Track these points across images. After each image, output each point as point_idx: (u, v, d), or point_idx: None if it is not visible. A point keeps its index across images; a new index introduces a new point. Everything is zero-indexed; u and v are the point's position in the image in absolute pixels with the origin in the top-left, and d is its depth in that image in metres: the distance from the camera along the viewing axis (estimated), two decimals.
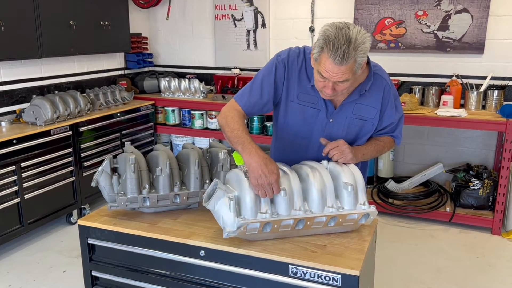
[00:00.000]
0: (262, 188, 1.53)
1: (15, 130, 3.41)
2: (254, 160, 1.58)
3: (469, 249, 3.44)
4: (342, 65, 1.58)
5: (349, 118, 1.87)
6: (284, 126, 1.95)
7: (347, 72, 1.61)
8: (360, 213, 1.60)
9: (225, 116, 1.81)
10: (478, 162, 4.13)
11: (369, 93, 1.85)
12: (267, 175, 1.54)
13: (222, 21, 4.86)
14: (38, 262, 3.28)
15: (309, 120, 1.89)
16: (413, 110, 3.81)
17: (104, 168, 1.79)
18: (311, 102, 1.86)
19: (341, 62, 1.57)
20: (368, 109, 1.87)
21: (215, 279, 1.64)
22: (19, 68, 3.80)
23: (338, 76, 1.62)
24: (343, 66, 1.58)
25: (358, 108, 1.86)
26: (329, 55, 1.58)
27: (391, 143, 2.01)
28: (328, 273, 1.45)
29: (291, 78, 1.85)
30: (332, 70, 1.61)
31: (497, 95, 3.81)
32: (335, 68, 1.60)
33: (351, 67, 1.60)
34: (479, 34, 3.90)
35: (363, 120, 1.88)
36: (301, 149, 1.95)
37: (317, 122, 1.88)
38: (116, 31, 4.45)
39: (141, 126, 4.59)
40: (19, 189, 3.34)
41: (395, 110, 1.93)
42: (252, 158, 1.59)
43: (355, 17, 4.26)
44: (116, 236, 1.75)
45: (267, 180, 1.53)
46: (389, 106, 1.90)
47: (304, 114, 1.88)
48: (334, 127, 1.89)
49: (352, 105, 1.86)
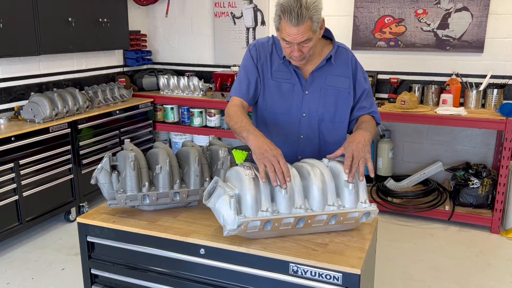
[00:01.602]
0: (269, 160, 1.57)
1: (14, 127, 3.40)
2: (260, 140, 1.66)
3: (468, 248, 3.44)
4: (299, 25, 1.73)
5: (324, 89, 1.99)
6: (264, 106, 2.05)
7: (306, 31, 1.75)
8: (361, 211, 1.59)
9: (228, 114, 1.93)
10: (477, 161, 4.13)
11: (337, 64, 1.99)
12: (272, 149, 1.61)
13: (222, 18, 4.85)
14: (36, 260, 3.27)
15: (286, 95, 2.01)
16: (413, 109, 3.80)
17: (103, 165, 1.77)
18: (285, 78, 2.00)
19: (297, 23, 1.72)
20: (340, 79, 2.00)
21: (215, 277, 1.63)
22: (17, 65, 3.78)
23: (299, 37, 1.76)
24: (300, 26, 1.73)
25: (330, 79, 1.99)
26: (286, 20, 1.74)
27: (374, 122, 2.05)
28: (329, 271, 1.45)
29: (264, 60, 2.01)
30: (292, 33, 1.76)
31: (496, 94, 3.81)
32: (294, 30, 1.75)
33: (309, 25, 1.75)
34: (479, 33, 3.90)
35: (337, 89, 2.00)
36: (283, 126, 2.05)
37: (294, 96, 2.00)
38: (115, 28, 4.44)
39: (140, 123, 4.58)
40: (17, 187, 3.33)
41: (364, 80, 2.05)
42: (258, 139, 1.68)
43: (355, 15, 4.26)
44: (115, 234, 1.74)
45: (272, 153, 1.59)
46: (358, 74, 2.03)
47: (280, 89, 2.01)
48: (311, 99, 2.00)
49: (324, 76, 1.99)
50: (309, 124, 2.03)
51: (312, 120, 2.02)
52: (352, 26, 4.30)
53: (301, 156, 2.05)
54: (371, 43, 4.27)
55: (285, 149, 1.80)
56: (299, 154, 2.07)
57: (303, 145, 2.06)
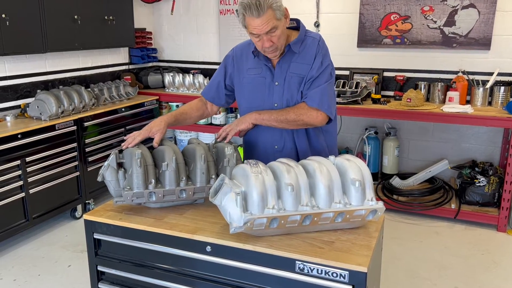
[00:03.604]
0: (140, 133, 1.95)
1: (20, 125, 3.41)
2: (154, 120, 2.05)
3: (474, 246, 3.43)
4: (261, 16, 1.81)
5: (288, 77, 2.03)
6: (241, 101, 2.17)
7: (270, 19, 1.83)
8: (367, 209, 1.59)
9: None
10: (483, 159, 4.11)
11: (304, 52, 2.02)
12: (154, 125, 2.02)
13: (227, 16, 4.84)
14: (43, 257, 3.29)
15: (259, 88, 2.08)
16: (419, 106, 3.79)
17: (110, 162, 1.78)
18: (257, 73, 2.08)
19: (258, 14, 1.81)
20: (303, 66, 2.02)
21: (221, 275, 1.63)
22: (24, 62, 3.79)
23: (264, 27, 1.84)
24: (263, 16, 1.81)
25: (294, 66, 2.02)
26: (248, 15, 1.83)
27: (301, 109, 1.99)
28: (336, 269, 1.44)
29: (239, 61, 2.14)
30: (256, 24, 1.84)
31: (503, 91, 3.78)
32: (258, 21, 1.83)
33: (271, 14, 1.82)
34: (486, 30, 3.87)
35: (300, 76, 2.02)
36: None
37: (266, 88, 2.07)
38: (121, 26, 4.44)
39: (145, 121, 4.57)
40: (24, 184, 3.35)
41: (319, 66, 2.00)
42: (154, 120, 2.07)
43: (361, 12, 4.24)
44: (122, 231, 1.75)
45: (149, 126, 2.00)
46: (316, 60, 2.01)
47: (253, 84, 2.09)
48: (279, 89, 2.05)
49: (287, 64, 2.03)
50: None
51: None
52: (358, 24, 4.28)
53: (277, 146, 2.12)
54: (377, 41, 4.25)
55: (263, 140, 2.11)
56: (275, 144, 2.12)
57: (278, 135, 2.11)
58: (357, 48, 4.33)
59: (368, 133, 4.26)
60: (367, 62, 4.32)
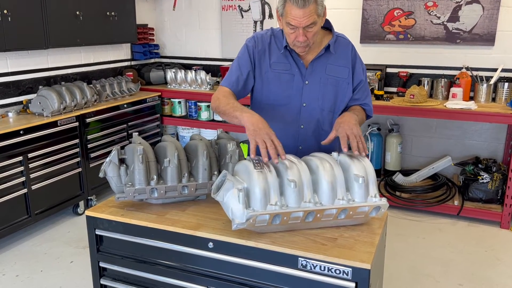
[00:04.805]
0: (261, 138, 1.59)
1: (22, 121, 3.41)
2: (255, 118, 1.68)
3: (478, 243, 3.41)
4: (305, 7, 1.73)
5: (324, 78, 1.98)
6: (262, 99, 2.05)
7: (312, 14, 1.75)
8: (371, 205, 1.58)
9: (217, 98, 1.94)
10: (487, 155, 4.09)
11: (337, 54, 1.99)
12: (266, 127, 1.64)
13: (229, 12, 4.82)
14: (45, 253, 3.29)
15: (285, 86, 2.00)
16: (422, 103, 3.77)
17: (112, 159, 1.77)
18: (284, 69, 1.99)
19: (304, 5, 1.73)
20: (340, 69, 1.99)
21: (223, 271, 1.62)
22: (25, 58, 3.79)
23: (305, 20, 1.75)
24: (306, 8, 1.73)
25: (330, 68, 1.99)
26: (292, 2, 1.74)
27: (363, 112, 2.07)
28: (339, 266, 1.43)
29: (262, 52, 2.01)
30: (298, 15, 1.75)
31: (507, 88, 3.76)
32: (300, 12, 1.74)
33: (314, 8, 1.75)
34: (490, 26, 3.85)
35: (337, 78, 1.99)
36: (282, 117, 2.03)
37: (294, 86, 1.99)
38: (123, 22, 4.43)
39: (147, 117, 4.58)
40: (26, 180, 3.35)
41: (362, 71, 2.04)
42: (253, 116, 1.69)
43: (364, 8, 4.21)
44: (124, 227, 1.74)
45: (265, 131, 1.62)
46: (357, 65, 2.02)
47: (280, 80, 2.00)
48: (311, 89, 1.99)
49: (324, 65, 1.98)
50: (309, 114, 2.03)
51: (312, 110, 2.02)
52: (361, 19, 4.26)
53: (301, 147, 2.06)
54: (380, 36, 4.23)
55: (286, 140, 1.82)
56: (299, 145, 2.07)
57: (304, 136, 2.06)
58: (360, 44, 4.31)
59: (371, 130, 4.24)
60: (370, 58, 4.29)
